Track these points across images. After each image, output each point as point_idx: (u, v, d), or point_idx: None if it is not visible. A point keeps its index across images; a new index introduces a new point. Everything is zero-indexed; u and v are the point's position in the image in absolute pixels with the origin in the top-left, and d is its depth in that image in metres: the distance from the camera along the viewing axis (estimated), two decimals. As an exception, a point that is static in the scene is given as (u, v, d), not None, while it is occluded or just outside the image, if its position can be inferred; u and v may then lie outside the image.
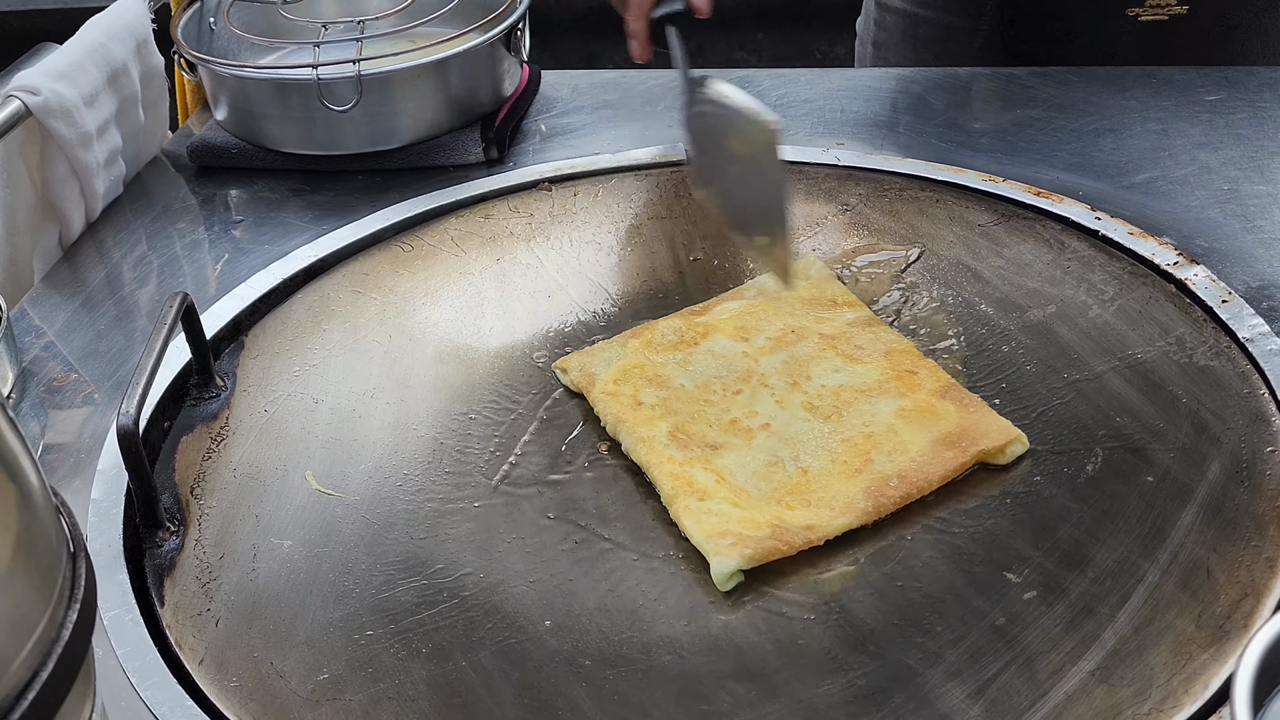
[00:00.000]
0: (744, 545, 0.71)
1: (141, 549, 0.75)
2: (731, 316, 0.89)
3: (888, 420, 0.79)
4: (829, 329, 0.87)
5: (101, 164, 1.01)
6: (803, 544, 0.72)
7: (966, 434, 0.77)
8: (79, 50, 0.98)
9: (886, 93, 1.18)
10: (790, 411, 0.81)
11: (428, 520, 0.77)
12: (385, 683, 0.67)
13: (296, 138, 1.08)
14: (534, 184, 1.06)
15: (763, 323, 0.88)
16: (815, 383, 0.83)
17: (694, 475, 0.76)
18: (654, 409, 0.82)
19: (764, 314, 0.89)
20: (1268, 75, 1.16)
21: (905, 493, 0.75)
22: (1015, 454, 0.77)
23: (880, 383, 0.82)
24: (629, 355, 0.86)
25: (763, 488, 0.76)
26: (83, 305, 0.96)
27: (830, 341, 0.86)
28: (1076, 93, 1.15)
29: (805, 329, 0.87)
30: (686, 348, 0.87)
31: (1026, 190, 1.00)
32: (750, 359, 0.85)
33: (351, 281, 0.96)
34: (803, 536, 0.72)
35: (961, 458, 0.76)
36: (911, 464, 0.76)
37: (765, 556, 0.71)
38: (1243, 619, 0.65)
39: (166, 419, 0.84)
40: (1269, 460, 0.74)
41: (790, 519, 0.74)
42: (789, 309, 0.89)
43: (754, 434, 0.80)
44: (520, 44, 1.14)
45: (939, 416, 0.79)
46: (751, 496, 0.76)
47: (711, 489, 0.75)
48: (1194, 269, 0.89)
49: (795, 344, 0.86)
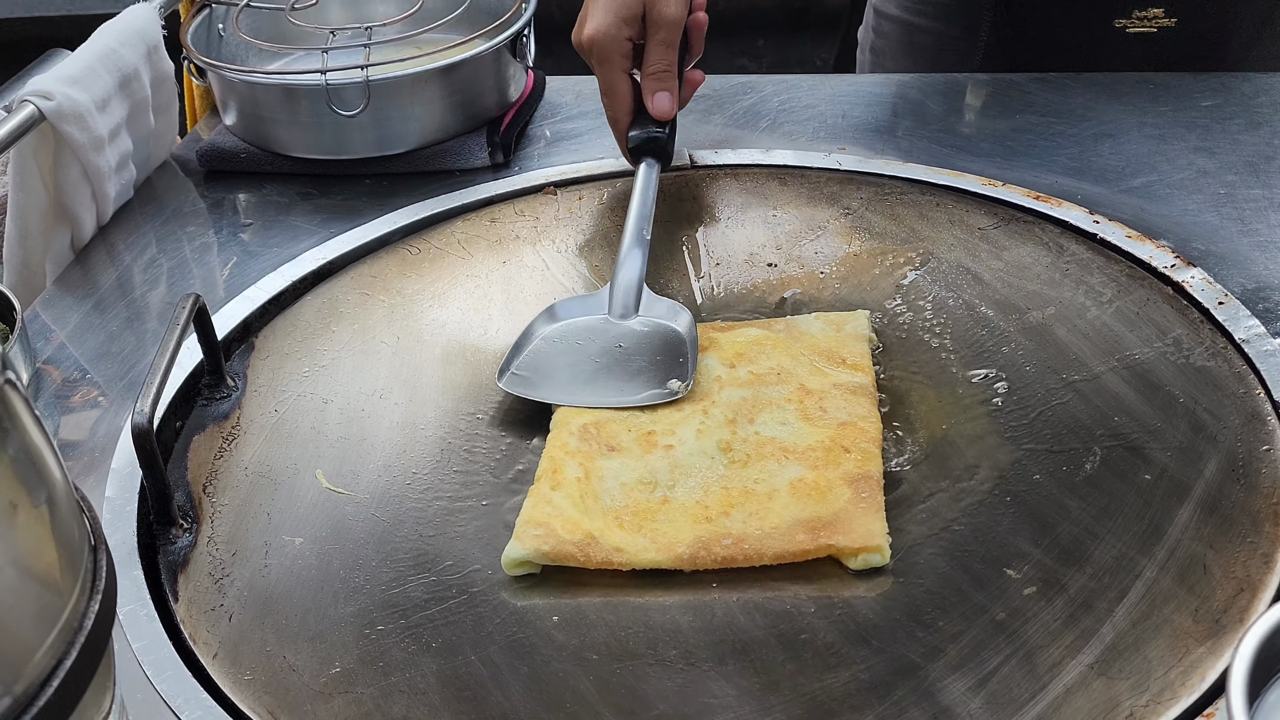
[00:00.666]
0: (546, 541, 0.73)
1: (155, 546, 0.76)
2: (741, 342, 0.88)
3: (777, 485, 0.76)
4: (814, 383, 0.84)
5: (113, 168, 1.03)
6: (602, 563, 0.73)
7: (831, 525, 0.73)
8: (91, 56, 1.00)
9: (886, 98, 1.19)
10: (702, 444, 0.80)
11: (436, 518, 0.78)
12: (396, 676, 0.68)
13: (305, 142, 1.10)
14: (539, 188, 1.07)
15: (761, 356, 0.86)
16: (752, 428, 0.81)
17: (565, 466, 0.78)
18: None
19: (769, 348, 0.87)
20: (1263, 82, 1.17)
21: (730, 555, 0.73)
22: (868, 563, 0.72)
23: (808, 449, 0.79)
24: None
25: (616, 499, 0.77)
26: (94, 307, 0.97)
27: (803, 395, 0.83)
28: (1074, 98, 1.16)
29: (791, 375, 0.85)
30: None
31: (1025, 194, 1.01)
32: (718, 386, 0.84)
33: (360, 284, 0.97)
34: (606, 556, 0.73)
35: (808, 545, 0.72)
36: (757, 532, 0.73)
37: (560, 559, 0.73)
38: (1239, 613, 0.66)
39: (179, 419, 0.85)
40: (1264, 459, 0.75)
41: (609, 536, 0.74)
42: (795, 351, 0.87)
43: (654, 450, 0.80)
44: (526, 50, 1.15)
45: (824, 499, 0.75)
46: (598, 504, 0.76)
47: (568, 484, 0.77)
48: (1191, 271, 0.91)
49: (768, 386, 0.84)
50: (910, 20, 1.33)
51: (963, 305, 0.92)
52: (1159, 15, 1.19)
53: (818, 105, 1.18)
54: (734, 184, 1.06)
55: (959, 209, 1.01)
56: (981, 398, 0.84)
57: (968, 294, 0.93)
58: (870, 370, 0.86)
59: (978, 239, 0.98)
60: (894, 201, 1.02)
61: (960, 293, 0.93)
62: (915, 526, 0.75)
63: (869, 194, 1.03)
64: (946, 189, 1.03)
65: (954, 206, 1.01)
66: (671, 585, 0.73)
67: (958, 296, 0.93)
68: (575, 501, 0.76)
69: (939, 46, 1.31)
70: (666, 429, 0.81)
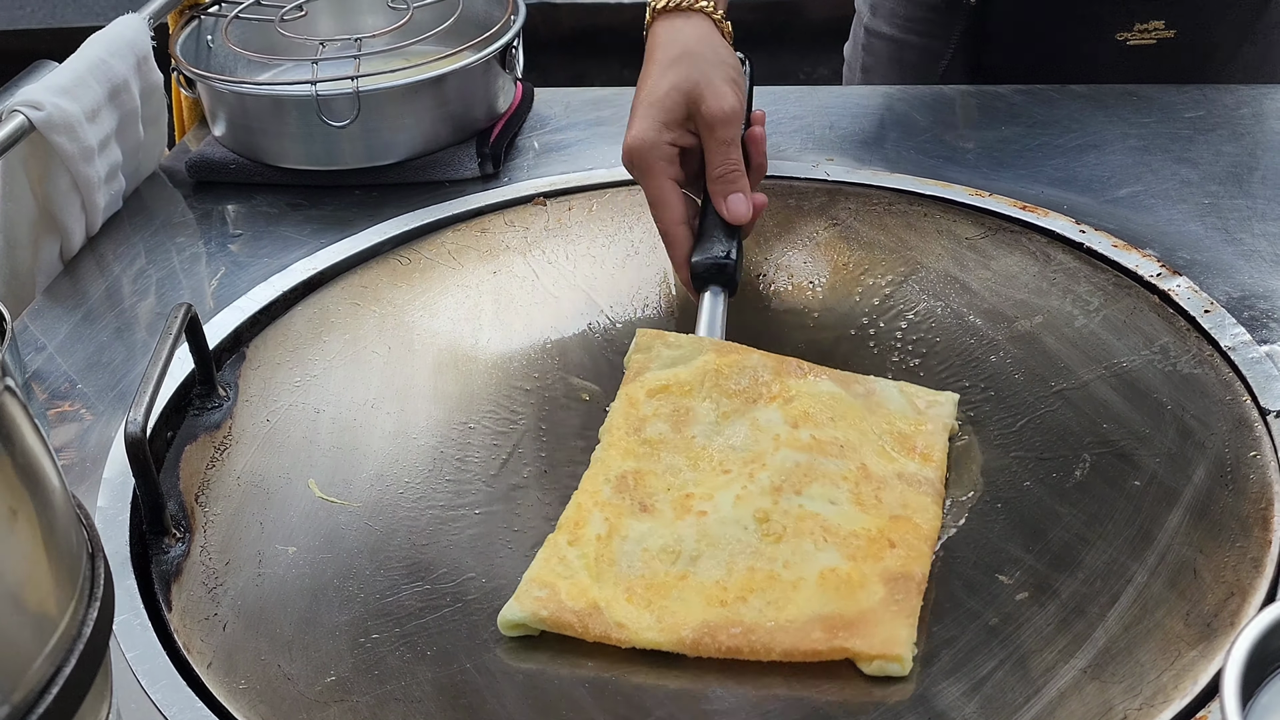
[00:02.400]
0: (546, 606, 0.69)
1: (148, 555, 0.76)
2: (810, 397, 0.81)
3: (808, 572, 0.70)
4: (876, 467, 0.77)
5: (103, 178, 1.03)
6: (599, 637, 0.69)
7: (854, 627, 0.67)
8: (81, 66, 1.00)
9: (874, 110, 1.20)
10: (739, 512, 0.74)
11: (429, 527, 0.78)
12: (392, 684, 0.68)
13: (294, 153, 1.10)
14: (529, 198, 1.07)
15: (829, 422, 0.79)
16: (798, 500, 0.74)
17: (591, 519, 0.74)
18: (642, 445, 0.79)
19: (840, 414, 0.80)
20: (1245, 93, 1.18)
21: (735, 646, 0.68)
22: (886, 670, 0.66)
23: (851, 535, 0.72)
24: (690, 371, 0.83)
25: (633, 568, 0.72)
26: (84, 319, 0.97)
27: (862, 476, 0.76)
28: (1059, 110, 1.17)
29: (856, 451, 0.78)
30: (744, 403, 0.81)
31: (1012, 204, 1.02)
32: (774, 445, 0.78)
33: (351, 294, 0.98)
34: (605, 631, 0.69)
35: (821, 646, 0.67)
36: (770, 624, 0.68)
37: (558, 628, 0.69)
38: (1229, 617, 0.67)
39: (170, 429, 0.85)
40: (1252, 464, 0.76)
41: (615, 610, 0.70)
42: (866, 427, 0.80)
43: (686, 516, 0.74)
44: (515, 62, 1.16)
45: (852, 596, 0.69)
46: (613, 570, 0.72)
47: (586, 541, 0.73)
48: (1176, 280, 0.91)
49: (828, 457, 0.77)
50: (900, 37, 1.34)
51: (951, 314, 0.93)
52: (1160, 27, 1.19)
53: (806, 116, 1.19)
54: (723, 194, 1.06)
55: (946, 219, 1.02)
56: (971, 405, 0.85)
57: (956, 303, 0.94)
58: (943, 465, 0.79)
59: (965, 249, 0.99)
60: (881, 212, 1.03)
61: (948, 302, 0.94)
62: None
63: (857, 204, 1.04)
64: (934, 199, 1.04)
65: (941, 217, 1.02)
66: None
67: (946, 306, 0.94)
68: (589, 564, 0.72)
69: (929, 63, 1.32)
70: (706, 493, 0.76)
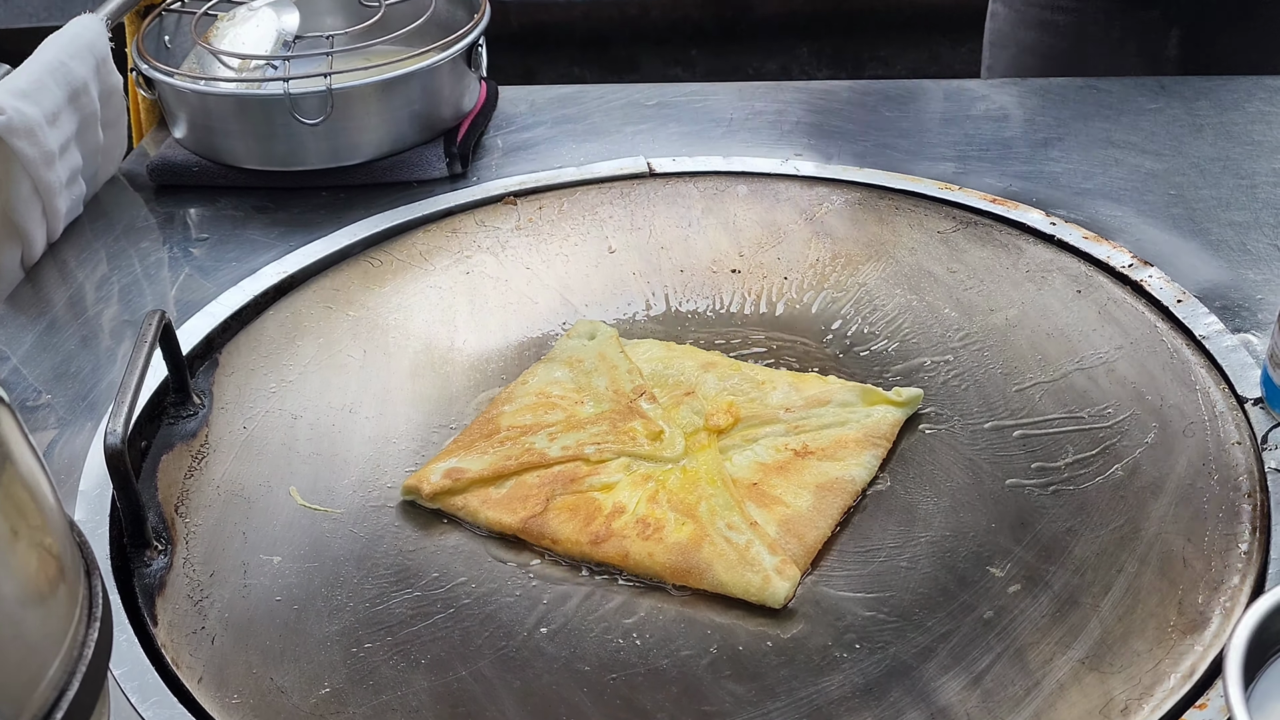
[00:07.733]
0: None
1: (130, 569, 0.74)
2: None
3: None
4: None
5: (64, 183, 1.00)
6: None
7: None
8: (39, 69, 0.97)
9: (838, 104, 1.20)
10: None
11: (416, 532, 0.77)
12: (388, 694, 0.67)
13: (259, 154, 1.08)
14: (499, 198, 1.06)
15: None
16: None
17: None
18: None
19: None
20: (1200, 84, 1.20)
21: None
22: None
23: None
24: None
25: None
26: (48, 328, 0.95)
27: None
28: (1024, 103, 1.18)
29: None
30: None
31: (983, 197, 1.02)
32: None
33: (322, 297, 0.96)
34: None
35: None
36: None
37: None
38: (1221, 604, 0.67)
39: (144, 438, 0.83)
40: (1233, 451, 0.77)
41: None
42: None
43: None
44: (480, 60, 1.14)
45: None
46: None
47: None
48: (1148, 271, 0.92)
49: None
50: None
51: (926, 308, 0.93)
52: None
53: (769, 113, 1.19)
54: (694, 191, 1.06)
55: (918, 213, 1.02)
56: (949, 399, 0.85)
57: (930, 297, 0.94)
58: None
59: (938, 242, 0.99)
60: (854, 206, 1.03)
61: (923, 295, 0.94)
62: (896, 527, 0.76)
63: (828, 199, 1.04)
64: (904, 193, 1.04)
65: (913, 210, 1.02)
66: (659, 591, 0.73)
67: (921, 299, 0.94)
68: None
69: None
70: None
